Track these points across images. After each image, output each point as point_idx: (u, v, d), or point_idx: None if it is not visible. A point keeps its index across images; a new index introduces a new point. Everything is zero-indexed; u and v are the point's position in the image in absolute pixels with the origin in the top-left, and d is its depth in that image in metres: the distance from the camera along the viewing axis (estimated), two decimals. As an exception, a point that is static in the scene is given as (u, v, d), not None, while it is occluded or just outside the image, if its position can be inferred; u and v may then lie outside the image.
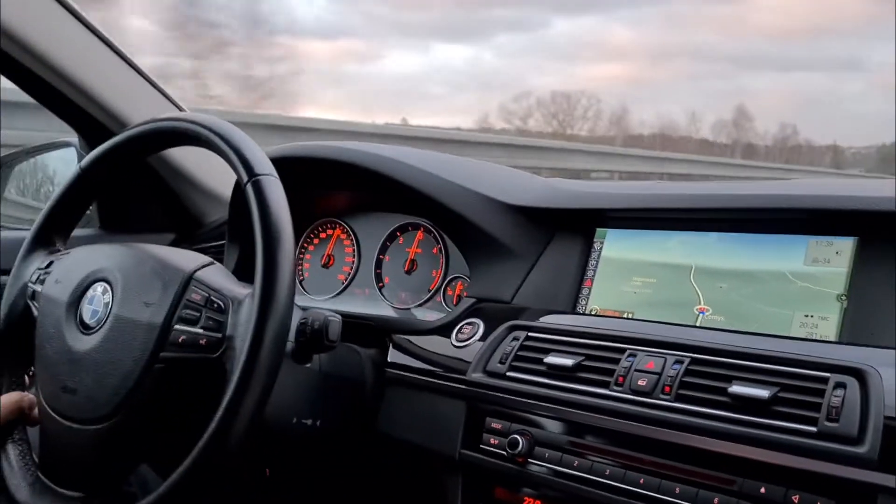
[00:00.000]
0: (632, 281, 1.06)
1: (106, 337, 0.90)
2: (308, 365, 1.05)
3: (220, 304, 0.90)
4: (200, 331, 0.89)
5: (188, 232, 1.60)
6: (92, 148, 1.07)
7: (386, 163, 1.21)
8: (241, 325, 0.88)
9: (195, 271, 0.93)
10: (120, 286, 0.92)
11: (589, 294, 1.09)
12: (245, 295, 0.90)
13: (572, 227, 1.12)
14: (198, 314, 0.90)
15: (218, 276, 0.94)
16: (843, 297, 0.89)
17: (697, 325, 0.98)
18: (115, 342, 0.89)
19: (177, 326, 0.89)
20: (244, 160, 0.91)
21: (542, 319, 1.06)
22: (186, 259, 0.96)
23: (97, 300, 0.93)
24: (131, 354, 0.87)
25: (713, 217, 1.02)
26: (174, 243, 1.57)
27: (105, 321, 0.90)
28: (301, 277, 1.42)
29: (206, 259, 0.98)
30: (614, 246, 1.09)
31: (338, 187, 1.36)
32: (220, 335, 0.88)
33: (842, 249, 0.92)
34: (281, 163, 1.31)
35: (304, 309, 1.00)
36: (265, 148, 1.34)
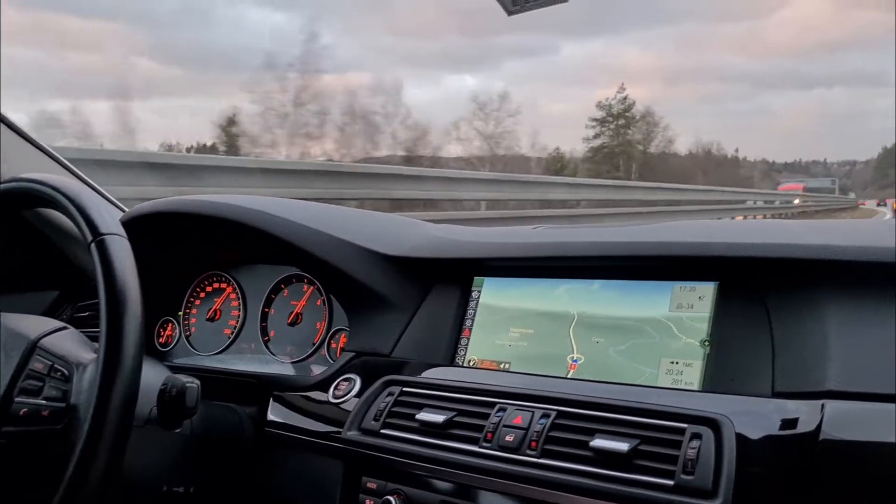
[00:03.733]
0: (509, 331, 1.04)
1: None
2: (178, 430, 1.00)
3: (65, 371, 0.85)
4: (43, 402, 0.84)
5: (74, 288, 1.54)
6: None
7: (251, 215, 1.18)
8: (85, 392, 0.83)
9: (40, 338, 0.89)
10: None
11: (467, 345, 1.07)
12: (90, 360, 0.85)
13: (450, 276, 1.11)
14: (41, 384, 0.85)
15: (66, 342, 0.90)
16: (706, 343, 0.89)
17: (569, 376, 0.97)
18: None
19: (18, 399, 0.84)
20: (88, 220, 0.87)
21: (419, 373, 1.04)
22: (33, 325, 0.91)
23: None
24: None
25: (585, 265, 1.01)
26: (58, 300, 1.51)
27: None
28: (188, 333, 1.37)
29: (56, 324, 0.93)
30: (492, 294, 1.08)
31: (220, 241, 1.33)
32: (63, 405, 0.84)
33: (704, 294, 0.92)
34: (151, 219, 1.28)
35: (187, 368, 0.96)
36: (142, 203, 1.30)
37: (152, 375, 0.95)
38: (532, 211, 8.89)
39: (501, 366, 1.03)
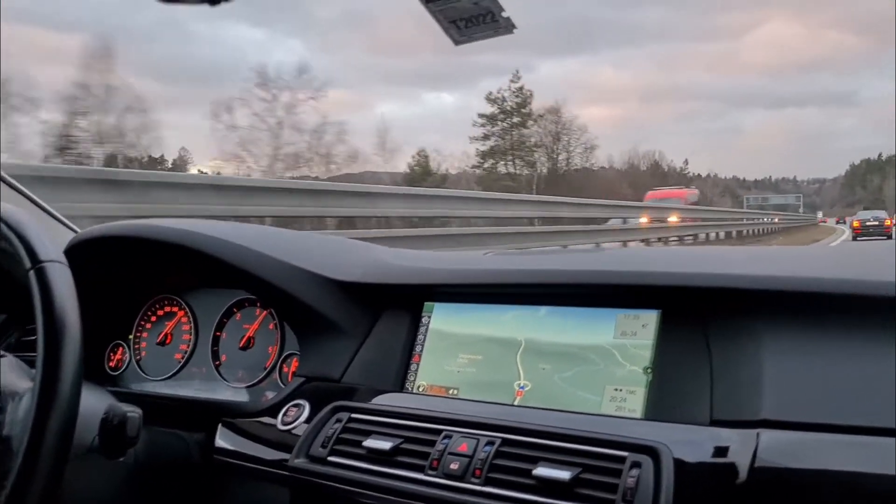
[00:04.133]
0: (458, 357, 1.05)
1: None
2: (121, 459, 0.99)
3: None
4: None
5: (22, 312, 1.51)
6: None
7: (202, 240, 1.17)
8: (20, 423, 0.82)
9: None
10: None
11: (417, 370, 1.07)
12: (26, 390, 0.84)
13: (400, 302, 1.11)
14: None
15: (1, 371, 0.88)
16: (649, 370, 0.90)
17: (515, 403, 0.97)
18: None
19: None
20: (27, 246, 0.86)
21: (368, 399, 1.04)
22: None
23: None
24: None
25: (534, 292, 1.02)
26: (5, 324, 1.48)
27: None
28: (138, 357, 1.36)
29: None
30: (442, 320, 1.08)
31: (171, 265, 1.31)
32: None
33: (647, 322, 0.93)
34: (101, 243, 1.27)
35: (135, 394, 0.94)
36: (93, 227, 1.29)
37: (94, 404, 0.93)
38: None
39: (450, 392, 1.03)
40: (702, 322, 0.89)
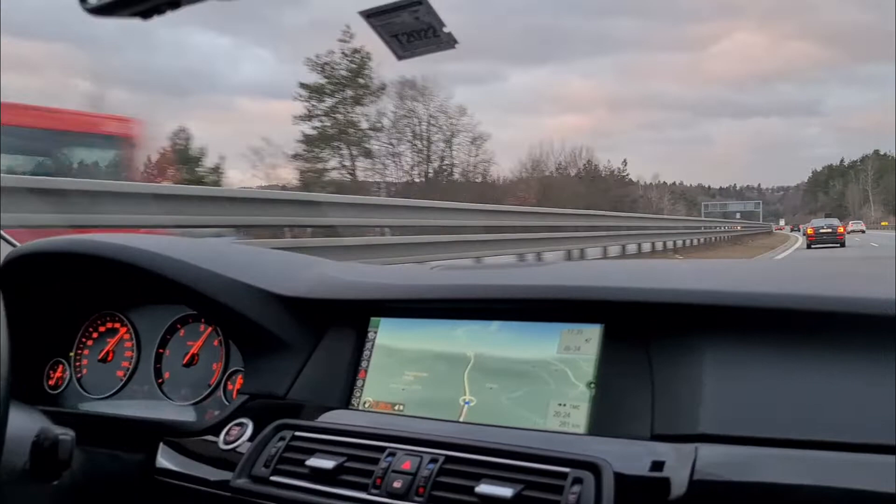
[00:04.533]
0: (404, 374, 1.04)
1: None
2: (55, 482, 0.96)
3: None
4: None
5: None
6: None
7: (144, 256, 1.15)
8: None
9: None
10: None
11: (363, 387, 1.06)
12: None
13: (346, 317, 1.10)
14: None
15: None
16: (593, 385, 0.91)
17: (460, 420, 0.97)
18: None
19: None
20: None
21: (313, 416, 1.02)
22: None
23: None
24: None
25: (480, 307, 1.02)
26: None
27: None
28: (79, 375, 1.32)
29: None
30: (389, 336, 1.07)
31: (113, 281, 1.28)
32: None
33: (591, 337, 0.93)
34: (40, 258, 1.23)
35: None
36: (31, 242, 1.26)
37: (26, 426, 0.91)
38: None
39: (396, 408, 1.02)
40: (643, 337, 0.89)
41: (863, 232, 56.52)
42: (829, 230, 30.14)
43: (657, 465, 0.77)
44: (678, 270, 0.98)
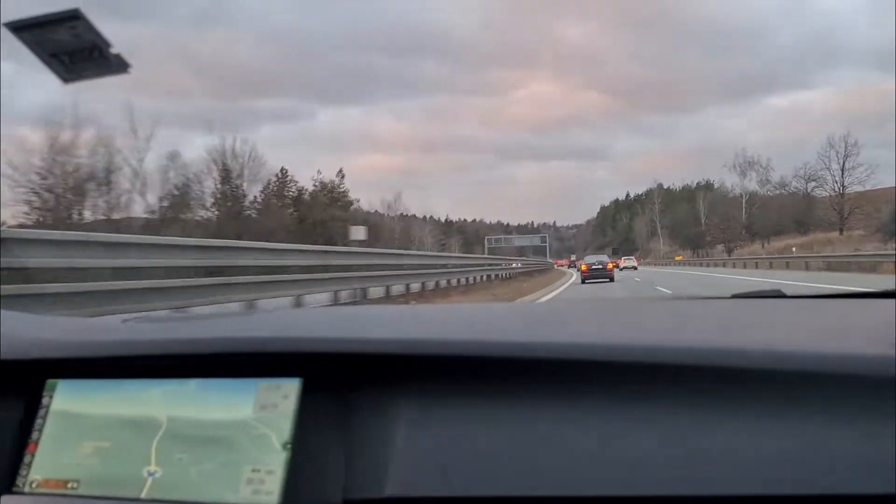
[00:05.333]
0: (83, 445, 0.89)
1: None
2: None
3: None
4: None
5: None
6: None
7: None
8: None
9: None
10: None
11: (31, 463, 0.90)
12: None
13: (15, 380, 0.94)
14: None
15: None
16: (288, 446, 0.82)
17: (143, 496, 0.84)
18: None
19: None
20: None
21: None
22: None
23: None
24: None
25: (173, 364, 0.91)
26: None
27: None
28: None
29: None
30: (68, 400, 0.92)
31: None
32: None
33: (288, 392, 0.85)
34: None
35: None
36: None
37: None
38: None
39: (69, 486, 0.87)
40: (342, 391, 0.82)
41: (635, 268, 61.71)
42: (600, 266, 33.06)
43: None
44: (388, 317, 0.93)
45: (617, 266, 45.20)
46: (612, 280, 31.68)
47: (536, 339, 0.80)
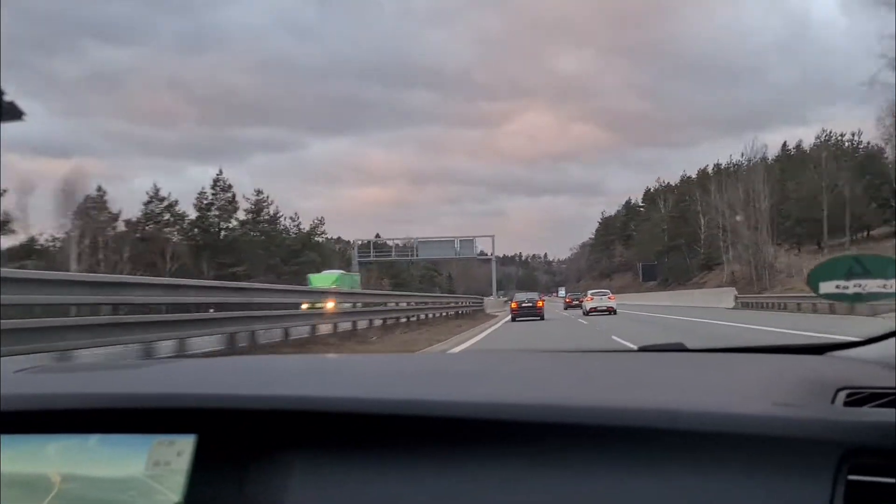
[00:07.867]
0: (-31, 506, 0.85)
1: None
2: None
3: None
4: None
5: None
6: None
7: None
8: None
9: None
10: None
11: (-88, 528, 0.85)
12: None
13: None
14: None
15: None
16: (181, 505, 0.79)
17: None
18: None
19: None
20: None
21: None
22: None
23: None
24: None
25: (71, 420, 0.87)
26: None
27: None
28: None
29: None
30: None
31: None
32: None
33: (183, 449, 0.82)
34: None
35: None
36: None
37: None
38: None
39: (-48, 553, 0.83)
40: (236, 448, 0.80)
41: (611, 311, 59.16)
42: (530, 304, 31.04)
43: None
44: (284, 370, 0.90)
45: (578, 306, 42.18)
46: (542, 318, 29.40)
47: (423, 396, 0.78)
